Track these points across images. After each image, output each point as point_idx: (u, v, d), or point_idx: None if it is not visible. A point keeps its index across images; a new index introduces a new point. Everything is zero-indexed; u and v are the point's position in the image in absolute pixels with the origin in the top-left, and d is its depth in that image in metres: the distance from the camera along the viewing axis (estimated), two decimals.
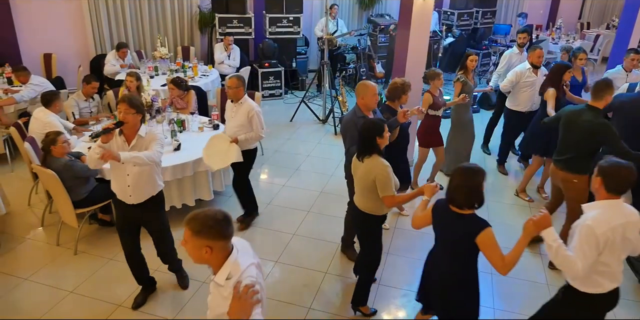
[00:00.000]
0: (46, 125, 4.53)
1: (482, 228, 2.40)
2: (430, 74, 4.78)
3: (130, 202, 3.16)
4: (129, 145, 3.06)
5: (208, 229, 1.78)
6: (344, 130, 3.68)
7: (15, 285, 3.68)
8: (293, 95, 8.53)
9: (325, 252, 4.19)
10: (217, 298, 1.84)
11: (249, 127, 4.23)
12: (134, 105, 2.97)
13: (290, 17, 8.41)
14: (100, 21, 7.91)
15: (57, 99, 4.76)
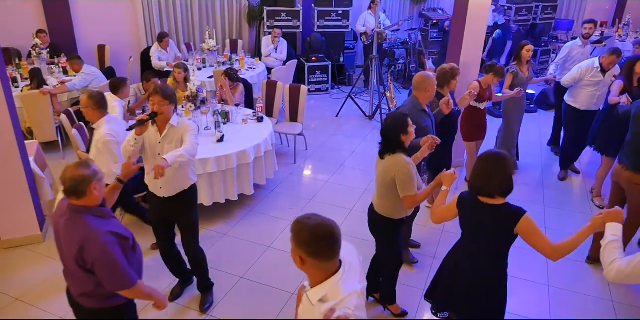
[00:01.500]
0: (110, 110, 4.58)
1: (520, 215, 2.28)
2: (494, 68, 4.55)
3: (160, 194, 3.09)
4: (161, 135, 3.01)
5: (302, 240, 1.59)
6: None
7: (58, 270, 3.68)
8: (340, 91, 8.36)
9: (366, 252, 3.99)
10: (307, 312, 1.67)
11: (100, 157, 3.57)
12: (166, 96, 2.93)
13: (340, 11, 8.24)
14: (152, 14, 8.04)
15: (125, 86, 4.83)
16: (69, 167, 2.10)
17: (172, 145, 3.03)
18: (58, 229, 2.18)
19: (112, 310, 2.25)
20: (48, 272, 3.68)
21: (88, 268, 2.08)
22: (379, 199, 3.00)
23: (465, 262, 2.51)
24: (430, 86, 3.39)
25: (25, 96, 5.36)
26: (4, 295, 3.45)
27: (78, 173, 2.05)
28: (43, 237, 4.06)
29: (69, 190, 2.05)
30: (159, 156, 3.00)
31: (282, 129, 5.69)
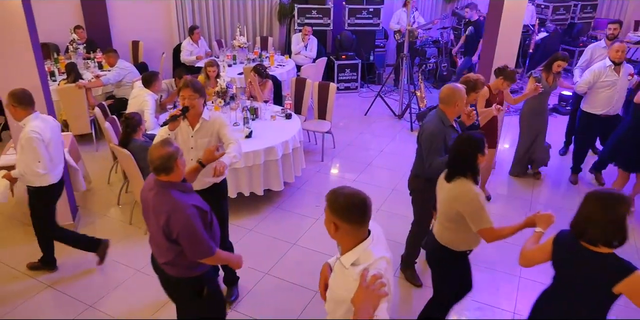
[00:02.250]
0: (142, 104, 4.68)
1: (627, 272, 1.91)
2: (504, 71, 4.24)
3: (193, 188, 3.09)
4: (192, 129, 3.02)
5: (335, 205, 1.70)
6: (428, 140, 3.08)
7: (89, 259, 3.80)
8: (369, 89, 8.29)
9: (393, 253, 3.92)
10: (339, 278, 1.78)
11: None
12: (197, 90, 2.93)
13: (371, 9, 8.17)
14: (185, 10, 8.15)
15: (157, 80, 4.92)
16: (155, 148, 2.27)
17: (206, 140, 3.03)
18: (147, 202, 2.36)
19: (192, 280, 2.42)
20: (79, 261, 3.77)
21: (173, 238, 2.25)
22: (439, 226, 2.67)
23: (554, 311, 2.19)
24: (460, 100, 3.05)
25: (61, 90, 5.51)
26: (37, 281, 3.54)
27: (165, 151, 2.23)
28: (75, 226, 4.15)
29: (159, 167, 2.24)
30: (192, 150, 3.02)
31: (310, 126, 5.68)
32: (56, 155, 3.41)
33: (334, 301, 1.82)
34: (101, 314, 3.25)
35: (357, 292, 1.63)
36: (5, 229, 4.20)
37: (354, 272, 1.69)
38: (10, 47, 3.55)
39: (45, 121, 3.37)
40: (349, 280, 1.70)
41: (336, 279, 1.81)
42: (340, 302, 1.76)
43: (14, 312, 3.24)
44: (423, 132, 3.14)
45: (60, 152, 3.52)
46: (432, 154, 3.05)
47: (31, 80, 3.68)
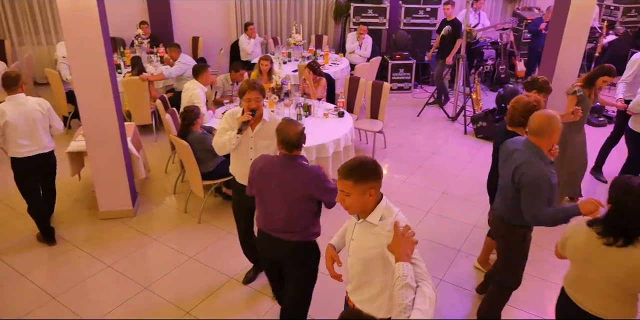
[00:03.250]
0: (192, 97, 4.85)
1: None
2: (536, 83, 3.76)
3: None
4: (252, 130, 3.06)
5: (370, 172, 1.90)
6: (531, 187, 2.54)
7: (145, 244, 3.99)
8: (422, 90, 8.17)
9: (442, 258, 3.88)
10: (368, 238, 1.97)
11: None
12: (262, 92, 3.00)
13: (428, 8, 8.05)
14: (244, 8, 8.37)
15: (205, 71, 5.08)
16: (288, 126, 2.55)
17: (266, 142, 3.06)
18: (269, 178, 2.58)
19: (311, 244, 2.68)
20: (136, 245, 3.96)
21: (315, 198, 2.54)
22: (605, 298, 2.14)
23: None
24: (557, 130, 2.56)
25: (126, 82, 5.79)
26: (98, 261, 3.75)
27: (299, 128, 2.55)
28: (134, 212, 4.36)
29: (296, 143, 2.54)
30: (251, 150, 3.07)
31: (362, 125, 5.67)
32: (13, 135, 3.64)
33: (363, 261, 2.00)
34: (155, 296, 3.39)
35: (393, 241, 1.86)
36: (72, 210, 4.47)
37: (384, 226, 1.93)
38: (85, 42, 3.76)
39: (18, 104, 3.64)
40: (381, 235, 1.92)
41: (363, 240, 1.99)
42: (370, 259, 1.96)
43: (74, 289, 3.44)
44: (522, 176, 2.56)
45: (24, 133, 3.68)
46: (537, 205, 2.53)
47: (101, 73, 3.89)
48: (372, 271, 1.99)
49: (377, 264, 1.96)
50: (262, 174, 2.61)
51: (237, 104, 5.27)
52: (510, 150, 2.75)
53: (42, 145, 3.79)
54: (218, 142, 3.13)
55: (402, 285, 1.71)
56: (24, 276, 3.57)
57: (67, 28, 3.70)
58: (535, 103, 3.04)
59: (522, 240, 2.82)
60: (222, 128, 3.13)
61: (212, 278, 3.59)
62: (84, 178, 4.86)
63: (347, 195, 1.91)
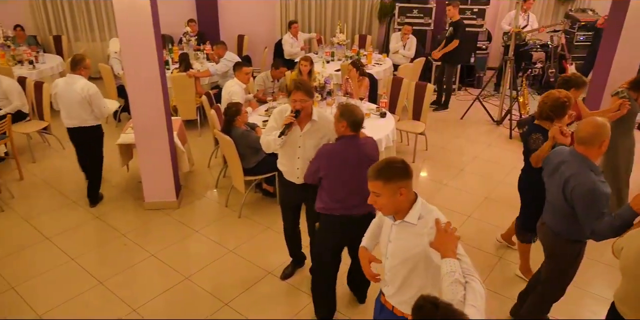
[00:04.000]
0: (231, 94, 4.94)
1: None
2: (571, 81, 3.64)
3: (297, 182, 3.17)
4: (301, 130, 3.04)
5: (399, 171, 1.90)
6: (587, 200, 2.42)
7: (187, 235, 4.10)
8: (467, 92, 8.01)
9: (482, 264, 3.79)
10: (407, 237, 1.97)
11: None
12: (308, 93, 2.97)
13: (475, 9, 7.88)
14: (288, 7, 8.46)
15: (242, 69, 5.17)
16: (354, 110, 2.77)
17: (315, 141, 3.04)
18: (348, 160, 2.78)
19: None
20: (179, 236, 4.08)
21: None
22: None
23: None
24: (607, 138, 2.45)
25: (174, 77, 5.96)
26: (142, 250, 3.89)
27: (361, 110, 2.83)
28: (177, 204, 4.49)
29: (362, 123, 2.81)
30: (299, 149, 3.06)
31: (403, 126, 5.61)
32: (60, 106, 4.29)
33: (405, 262, 1.99)
34: (195, 286, 3.48)
35: (437, 238, 1.84)
36: (120, 200, 4.65)
37: (425, 224, 1.92)
38: (137, 38, 3.89)
39: (70, 82, 4.18)
40: (422, 234, 1.92)
41: (403, 240, 1.99)
42: (413, 259, 1.96)
43: (118, 277, 3.58)
44: (573, 189, 2.45)
45: (65, 107, 4.25)
46: (593, 218, 2.39)
47: (152, 68, 4.02)
48: (414, 271, 1.98)
49: (420, 264, 1.96)
50: (342, 159, 2.79)
51: (280, 101, 5.33)
52: (555, 163, 2.65)
53: (81, 120, 4.27)
54: (264, 141, 3.15)
55: (452, 281, 1.71)
56: (74, 260, 3.75)
57: (121, 25, 3.85)
58: (566, 99, 3.06)
59: (577, 255, 2.71)
60: (270, 126, 3.13)
61: (251, 272, 3.64)
62: (132, 169, 5.04)
63: (378, 196, 1.91)
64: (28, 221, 4.26)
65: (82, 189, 4.75)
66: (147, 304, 3.30)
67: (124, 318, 3.18)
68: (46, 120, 5.54)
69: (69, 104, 4.19)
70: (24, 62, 6.72)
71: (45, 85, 5.48)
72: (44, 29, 8.32)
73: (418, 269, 1.97)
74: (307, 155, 3.06)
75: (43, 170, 5.21)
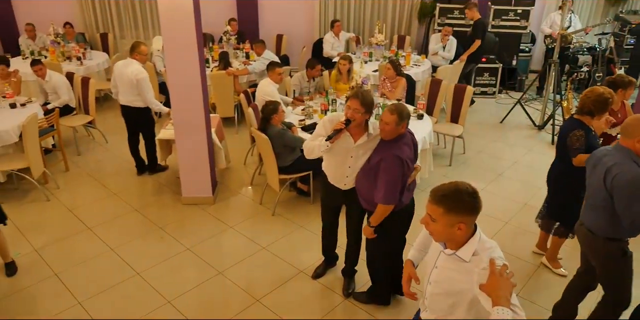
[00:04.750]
0: (266, 95, 4.99)
1: None
2: (616, 82, 3.67)
3: (343, 188, 3.09)
4: (354, 142, 2.92)
5: (466, 206, 1.71)
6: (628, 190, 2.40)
7: (223, 230, 4.17)
8: (507, 96, 7.80)
9: (519, 272, 3.68)
10: (451, 272, 1.82)
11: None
12: (365, 104, 2.79)
13: (519, 10, 7.65)
14: (327, 7, 8.47)
15: (275, 69, 5.21)
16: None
17: (367, 153, 2.94)
18: None
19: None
20: (213, 231, 4.15)
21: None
22: None
23: None
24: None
25: (213, 75, 6.07)
26: (178, 243, 3.98)
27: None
28: (213, 199, 4.57)
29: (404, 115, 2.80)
30: (351, 159, 2.95)
31: (441, 129, 5.52)
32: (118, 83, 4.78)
33: (448, 294, 1.84)
34: (228, 281, 3.53)
35: (490, 281, 1.63)
36: (158, 194, 4.78)
37: (478, 263, 1.72)
38: (179, 37, 3.97)
39: (125, 65, 4.68)
40: (472, 272, 1.73)
41: (449, 273, 1.82)
42: (457, 294, 1.80)
43: (154, 269, 3.67)
44: (614, 178, 2.43)
45: (119, 85, 4.76)
46: (635, 207, 2.36)
47: (192, 66, 4.09)
48: (456, 307, 1.84)
49: (463, 301, 1.80)
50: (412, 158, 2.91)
51: (316, 101, 5.33)
52: (597, 157, 2.66)
53: (128, 100, 4.73)
54: (308, 145, 3.04)
55: None
56: (113, 250, 3.87)
57: (165, 24, 3.95)
58: (609, 95, 3.10)
59: (621, 254, 2.62)
60: (317, 133, 3.02)
61: (283, 269, 3.67)
62: (171, 164, 5.17)
63: (433, 221, 1.74)
64: (72, 211, 4.44)
65: (123, 182, 4.92)
66: (181, 296, 3.38)
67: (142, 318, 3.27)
68: (91, 115, 5.76)
69: (121, 83, 4.70)
70: (72, 59, 7.01)
71: (91, 81, 5.70)
72: (91, 27, 8.66)
73: (461, 306, 1.82)
74: (357, 165, 2.96)
75: (87, 163, 5.41)
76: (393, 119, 2.72)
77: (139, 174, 5.11)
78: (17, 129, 4.55)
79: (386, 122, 2.75)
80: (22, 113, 4.78)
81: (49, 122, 5.01)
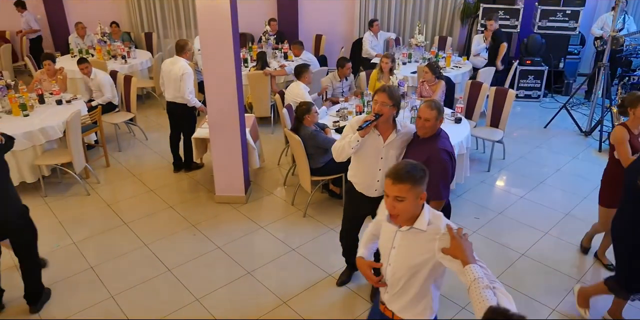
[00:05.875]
0: (296, 96, 4.98)
1: None
2: (631, 100, 3.20)
3: (373, 196, 3.01)
4: (384, 141, 2.86)
5: (424, 174, 1.88)
6: None
7: (254, 230, 4.19)
8: (553, 100, 7.47)
9: (556, 285, 3.50)
10: (411, 247, 1.94)
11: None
12: (392, 97, 2.76)
13: (568, 11, 7.30)
14: (368, 6, 8.38)
15: (307, 72, 5.21)
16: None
17: (397, 151, 2.90)
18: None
19: None
20: (245, 231, 4.17)
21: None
22: None
23: None
24: None
25: (251, 75, 6.12)
26: (210, 241, 4.02)
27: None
28: (246, 199, 4.60)
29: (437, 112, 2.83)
30: (382, 160, 2.90)
31: (480, 133, 5.34)
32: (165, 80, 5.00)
33: (410, 268, 1.94)
34: (256, 282, 3.54)
35: (454, 245, 1.79)
36: (193, 192, 4.86)
37: (435, 231, 1.88)
38: (216, 37, 4.01)
39: (172, 63, 4.91)
40: (432, 240, 1.87)
41: (409, 247, 1.94)
42: (418, 265, 1.92)
43: (185, 266, 3.73)
44: None
45: (166, 82, 4.98)
46: None
47: (228, 66, 4.11)
48: (416, 277, 1.97)
49: (424, 270, 1.94)
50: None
51: (352, 102, 5.28)
52: None
53: (174, 96, 4.93)
54: (337, 146, 2.96)
55: (483, 287, 1.65)
56: (147, 246, 3.96)
57: (202, 24, 4.00)
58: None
59: None
60: (346, 135, 2.96)
61: (311, 272, 3.64)
62: (206, 163, 5.25)
63: (400, 201, 1.83)
64: (110, 206, 4.58)
65: (160, 179, 5.04)
66: (209, 294, 3.41)
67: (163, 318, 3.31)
68: (132, 112, 5.92)
69: (168, 80, 4.92)
70: (117, 57, 7.25)
71: (133, 79, 5.86)
72: (137, 26, 8.93)
73: (420, 275, 1.95)
74: (389, 166, 2.90)
75: (127, 159, 5.58)
76: (433, 115, 2.74)
77: (176, 171, 5.22)
78: (62, 125, 4.74)
79: (426, 119, 2.76)
80: (68, 109, 4.97)
81: (92, 119, 5.19)
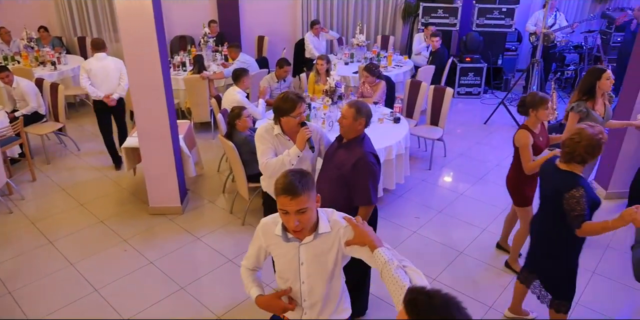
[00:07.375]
0: (232, 102, 4.83)
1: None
2: (532, 101, 3.16)
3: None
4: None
5: (309, 176, 1.80)
6: None
7: (189, 242, 4.01)
8: (493, 96, 7.64)
9: (495, 282, 3.54)
10: (320, 255, 1.89)
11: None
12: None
13: (504, 8, 7.50)
14: (310, 7, 8.31)
15: (245, 76, 5.08)
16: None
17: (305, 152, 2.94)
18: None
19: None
20: (180, 243, 3.98)
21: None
22: None
23: None
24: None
25: (188, 79, 5.91)
26: (142, 257, 3.81)
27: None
28: (182, 209, 4.41)
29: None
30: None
31: (420, 132, 5.37)
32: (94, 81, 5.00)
33: (325, 277, 1.92)
34: (190, 297, 3.37)
35: (357, 232, 1.83)
36: (126, 204, 4.61)
37: (338, 226, 1.89)
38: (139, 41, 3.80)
39: (99, 59, 4.98)
40: (336, 238, 1.87)
41: (317, 255, 1.89)
42: (331, 268, 1.91)
43: (113, 284, 3.51)
44: None
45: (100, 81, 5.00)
46: None
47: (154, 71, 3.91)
48: (332, 282, 1.96)
49: (337, 270, 1.95)
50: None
51: (318, 102, 5.12)
52: None
53: (112, 91, 5.02)
54: (272, 164, 2.84)
55: (395, 268, 1.69)
56: (73, 265, 3.71)
57: (124, 26, 3.79)
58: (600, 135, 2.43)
59: None
60: (267, 148, 2.88)
61: None
62: (140, 173, 5.00)
63: (304, 213, 1.73)
64: (35, 224, 4.27)
65: (91, 191, 4.77)
66: (140, 313, 3.21)
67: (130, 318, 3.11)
68: (61, 122, 5.59)
69: (104, 75, 4.97)
70: (46, 64, 6.84)
71: (60, 87, 5.53)
72: (68, 30, 8.47)
73: (335, 278, 1.96)
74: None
75: (57, 172, 5.24)
76: (350, 113, 2.68)
77: (117, 169, 5.25)
78: None
79: (344, 116, 2.72)
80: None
81: (14, 130, 4.84)
